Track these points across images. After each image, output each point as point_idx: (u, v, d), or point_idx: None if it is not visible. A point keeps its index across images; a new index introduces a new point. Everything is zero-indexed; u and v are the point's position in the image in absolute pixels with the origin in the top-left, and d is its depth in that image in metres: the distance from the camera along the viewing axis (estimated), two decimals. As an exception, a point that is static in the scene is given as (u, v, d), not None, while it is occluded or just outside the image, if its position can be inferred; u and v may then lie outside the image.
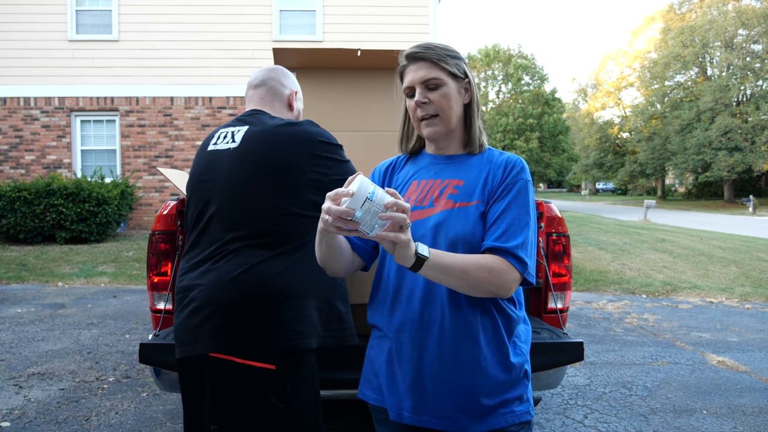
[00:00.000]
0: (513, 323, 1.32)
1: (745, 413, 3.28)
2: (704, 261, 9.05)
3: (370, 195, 1.04)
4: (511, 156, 1.36)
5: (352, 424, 3.08)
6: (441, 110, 1.34)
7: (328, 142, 1.60)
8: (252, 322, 1.47)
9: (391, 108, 2.57)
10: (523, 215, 1.27)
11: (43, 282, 7.16)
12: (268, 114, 1.67)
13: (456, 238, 1.27)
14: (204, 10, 11.61)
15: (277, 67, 1.78)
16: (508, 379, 1.29)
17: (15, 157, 11.58)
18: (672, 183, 45.15)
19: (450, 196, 1.32)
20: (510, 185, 1.30)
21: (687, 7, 37.76)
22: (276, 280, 1.49)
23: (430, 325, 1.27)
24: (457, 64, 1.35)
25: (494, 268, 1.21)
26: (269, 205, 1.52)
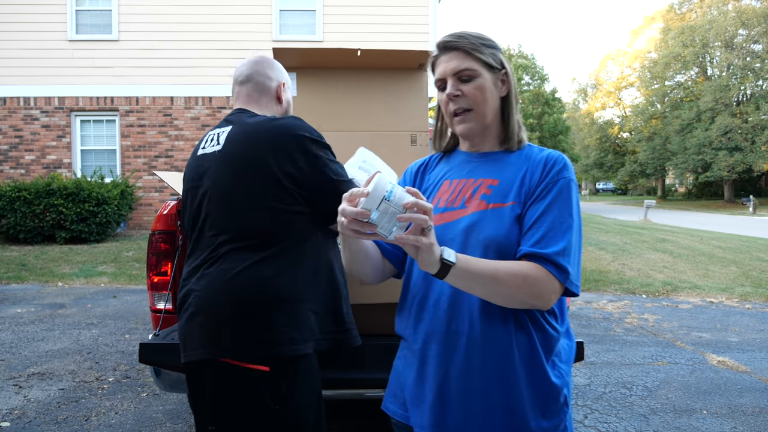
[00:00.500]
0: (552, 340, 1.18)
1: (745, 413, 3.28)
2: (704, 261, 9.05)
3: (388, 194, 0.97)
4: (552, 152, 1.23)
5: (352, 424, 3.08)
6: (475, 104, 1.22)
7: (307, 136, 1.51)
8: (244, 328, 1.45)
9: (391, 108, 2.57)
10: (564, 218, 1.14)
11: (43, 282, 7.16)
12: (252, 112, 1.63)
13: (488, 242, 1.15)
14: (204, 10, 11.61)
15: (261, 59, 1.72)
16: (543, 405, 1.16)
17: (15, 157, 11.58)
18: (672, 183, 45.16)
19: (483, 196, 1.20)
20: (550, 184, 1.17)
21: (687, 7, 37.77)
22: (268, 284, 1.46)
23: (458, 337, 1.16)
24: (492, 54, 1.24)
25: (530, 277, 1.09)
26: (253, 206, 1.48)
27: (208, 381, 1.50)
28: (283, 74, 1.73)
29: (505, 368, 1.14)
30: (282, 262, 1.48)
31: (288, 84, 1.74)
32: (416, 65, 2.57)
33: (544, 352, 1.17)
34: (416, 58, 2.50)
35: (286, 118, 1.55)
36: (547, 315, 1.18)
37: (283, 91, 1.71)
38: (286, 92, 1.72)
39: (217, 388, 1.49)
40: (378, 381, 2.21)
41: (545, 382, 1.16)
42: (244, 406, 1.46)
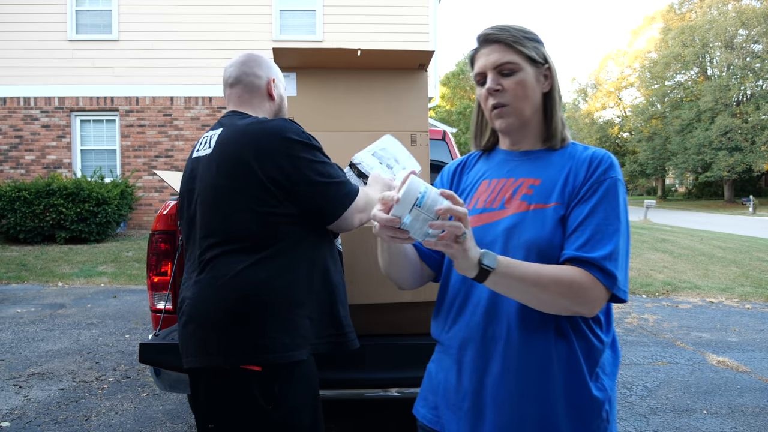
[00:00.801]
0: (596, 351, 1.12)
1: (745, 413, 3.28)
2: (704, 261, 9.06)
3: (419, 200, 0.93)
4: (597, 150, 1.16)
5: (353, 424, 3.08)
6: (515, 99, 1.16)
7: (293, 138, 1.47)
8: (235, 335, 1.44)
9: (391, 108, 2.57)
10: (612, 220, 1.08)
11: (43, 282, 7.16)
12: (243, 114, 1.61)
13: (530, 245, 1.10)
14: (204, 10, 11.61)
15: (247, 58, 1.69)
16: (581, 420, 1.10)
17: (15, 157, 11.58)
18: (672, 183, 45.17)
19: (524, 196, 1.15)
20: (595, 185, 1.10)
21: (687, 7, 37.78)
22: (258, 290, 1.44)
23: (494, 343, 1.11)
24: (536, 48, 1.18)
25: (575, 283, 1.03)
26: (239, 209, 1.47)
27: (203, 386, 1.52)
28: (272, 70, 1.71)
29: (542, 378, 1.09)
30: (272, 266, 1.46)
31: (278, 78, 1.72)
32: (416, 65, 2.56)
33: (587, 363, 1.11)
34: (416, 58, 2.50)
35: (274, 120, 1.52)
36: (591, 323, 1.12)
37: (273, 87, 1.68)
38: (277, 87, 1.70)
39: (211, 392, 1.50)
40: (378, 381, 2.21)
41: (585, 396, 1.10)
42: (238, 408, 1.46)
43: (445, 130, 3.88)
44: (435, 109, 30.49)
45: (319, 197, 1.47)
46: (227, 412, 1.48)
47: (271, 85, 1.67)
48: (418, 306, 2.03)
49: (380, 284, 1.99)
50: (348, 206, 1.51)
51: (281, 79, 1.74)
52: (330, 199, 1.49)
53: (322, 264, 1.55)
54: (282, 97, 1.72)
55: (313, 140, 1.52)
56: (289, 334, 1.46)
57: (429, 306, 2.02)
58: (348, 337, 1.60)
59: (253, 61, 1.68)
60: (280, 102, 1.72)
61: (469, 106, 38.43)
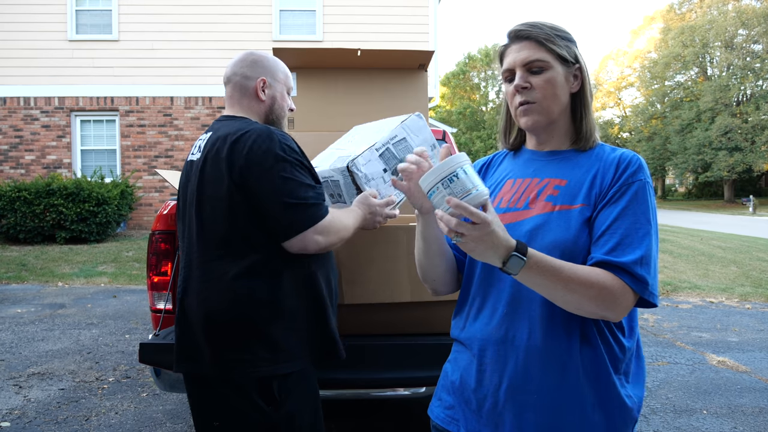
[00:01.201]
0: (620, 356, 1.10)
1: (745, 413, 3.28)
2: (704, 261, 9.06)
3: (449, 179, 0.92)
4: (625, 152, 1.14)
5: (353, 424, 3.08)
6: (543, 97, 1.14)
7: (264, 152, 1.42)
8: (220, 349, 1.44)
9: (391, 108, 2.57)
10: (642, 223, 1.05)
11: (43, 282, 7.16)
12: (233, 118, 1.59)
13: (554, 246, 1.07)
14: (204, 11, 11.61)
15: (243, 57, 1.66)
16: (609, 426, 1.09)
17: (15, 157, 11.58)
18: (672, 183, 45.18)
19: (549, 197, 1.13)
20: (624, 187, 1.08)
21: (687, 7, 37.78)
22: (240, 302, 1.43)
23: (514, 346, 1.09)
24: (567, 46, 1.16)
25: (606, 288, 1.00)
26: (217, 217, 1.46)
27: (194, 390, 1.54)
28: (265, 70, 1.64)
29: (566, 384, 1.07)
30: (255, 276, 1.44)
31: (274, 79, 1.65)
32: (416, 65, 2.57)
33: (613, 368, 1.09)
34: (416, 58, 2.50)
35: (255, 129, 1.46)
36: (615, 328, 1.09)
37: (264, 87, 1.63)
38: (269, 88, 1.64)
39: (200, 397, 1.53)
40: (377, 381, 2.21)
41: (616, 402, 1.09)
42: (228, 414, 1.47)
43: (445, 130, 3.88)
44: (435, 109, 30.49)
45: (273, 216, 1.42)
46: (218, 416, 1.48)
47: (258, 87, 1.62)
48: (417, 306, 2.03)
49: (380, 284, 1.99)
50: (303, 230, 1.42)
51: (281, 79, 1.67)
52: (283, 219, 1.42)
53: (308, 274, 1.52)
54: (274, 98, 1.65)
55: (290, 154, 1.45)
56: (270, 347, 1.44)
57: (429, 306, 2.02)
58: (335, 348, 1.58)
59: (247, 61, 1.65)
60: (271, 103, 1.65)
61: (470, 106, 38.43)
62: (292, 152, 1.46)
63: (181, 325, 1.51)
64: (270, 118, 1.66)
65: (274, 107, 1.66)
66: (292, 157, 1.45)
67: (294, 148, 1.48)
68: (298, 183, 1.44)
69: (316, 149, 2.48)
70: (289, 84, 1.70)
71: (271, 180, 1.41)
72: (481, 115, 39.69)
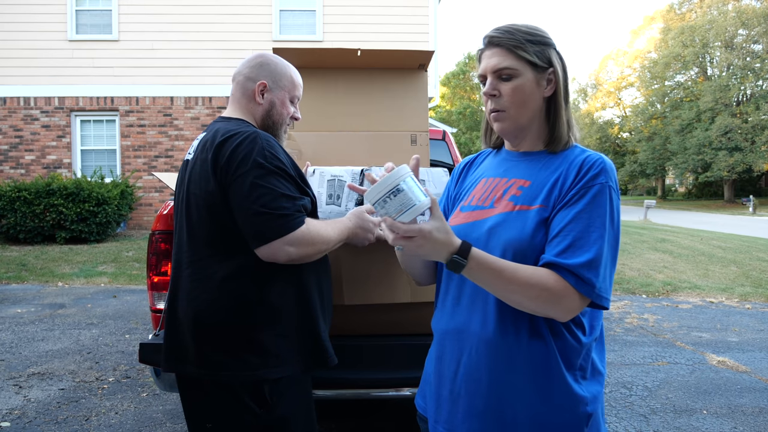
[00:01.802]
0: (575, 352, 1.11)
1: (745, 413, 3.28)
2: (704, 261, 9.05)
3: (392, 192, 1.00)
4: (592, 155, 1.14)
5: (353, 424, 3.08)
6: (510, 105, 1.17)
7: (250, 158, 1.40)
8: (206, 352, 1.44)
9: (391, 108, 2.57)
10: (596, 227, 1.06)
11: (43, 282, 7.16)
12: (228, 119, 1.58)
13: (506, 245, 1.10)
14: (204, 11, 11.61)
15: (252, 57, 1.65)
16: (558, 421, 1.09)
17: (15, 157, 11.58)
18: (672, 183, 45.18)
19: (512, 197, 1.16)
20: (583, 190, 1.08)
21: (687, 7, 37.78)
22: (225, 306, 1.43)
23: (469, 337, 1.14)
24: (539, 51, 1.17)
25: (547, 289, 1.03)
26: (203, 217, 1.46)
27: (184, 389, 1.55)
28: (269, 73, 1.63)
29: (514, 378, 1.10)
30: (243, 278, 1.43)
31: (272, 84, 1.62)
32: (416, 65, 2.57)
33: (565, 364, 1.10)
34: (416, 58, 2.50)
35: (245, 133, 1.45)
36: (571, 325, 1.11)
37: (263, 91, 1.61)
38: (269, 92, 1.62)
39: (190, 397, 1.53)
40: (378, 381, 2.21)
41: (564, 394, 1.09)
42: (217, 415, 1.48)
43: (445, 130, 3.88)
44: (435, 109, 30.48)
45: (242, 222, 1.41)
46: (210, 418, 1.49)
47: (257, 90, 1.61)
48: (418, 306, 2.03)
49: (380, 284, 1.99)
50: (270, 240, 1.38)
51: (284, 86, 1.64)
52: (250, 227, 1.40)
53: (297, 279, 1.50)
54: (273, 104, 1.62)
55: (271, 161, 1.42)
56: (258, 351, 1.43)
57: (429, 306, 2.02)
58: (325, 355, 1.55)
59: (254, 61, 1.65)
60: (269, 107, 1.62)
61: (470, 106, 38.42)
62: (273, 159, 1.42)
63: (170, 324, 1.52)
64: (266, 122, 1.63)
65: (271, 112, 1.63)
66: (271, 165, 1.41)
67: (277, 155, 1.45)
68: (271, 192, 1.39)
69: (316, 149, 2.48)
70: (295, 92, 1.67)
71: (243, 186, 1.39)
72: (481, 115, 39.74)
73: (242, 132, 1.46)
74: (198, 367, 1.45)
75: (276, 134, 1.65)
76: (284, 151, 1.52)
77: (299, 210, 1.43)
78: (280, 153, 1.47)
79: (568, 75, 1.21)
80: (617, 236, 1.10)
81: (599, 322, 1.17)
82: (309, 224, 1.45)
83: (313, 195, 1.56)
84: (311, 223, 1.46)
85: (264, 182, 1.40)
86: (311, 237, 1.43)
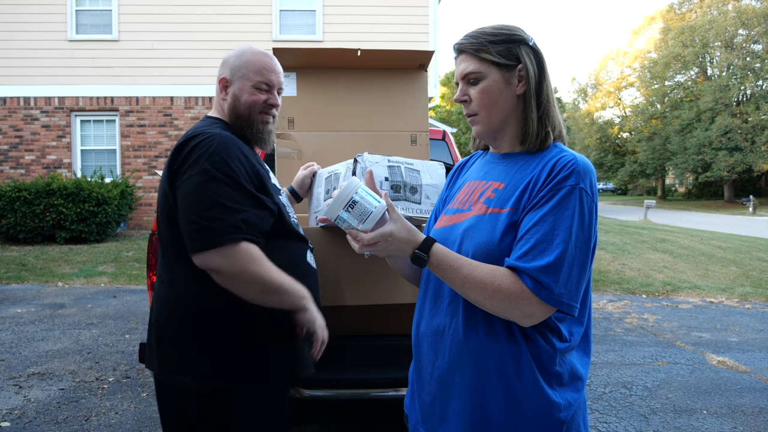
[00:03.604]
0: (549, 357, 1.08)
1: (745, 413, 3.28)
2: (704, 261, 9.05)
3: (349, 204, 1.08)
4: (565, 155, 1.10)
5: (353, 424, 3.08)
6: (480, 108, 1.16)
7: (195, 161, 1.35)
8: (164, 349, 1.43)
9: (391, 108, 2.57)
10: (560, 230, 1.03)
11: (43, 282, 7.16)
12: (205, 118, 1.55)
13: (476, 248, 1.10)
14: (204, 10, 11.61)
15: (231, 52, 1.57)
16: (531, 426, 1.07)
17: (15, 157, 11.57)
18: (672, 183, 45.17)
19: (486, 200, 1.15)
20: (551, 192, 1.05)
21: (687, 6, 37.75)
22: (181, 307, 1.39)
23: (443, 338, 1.14)
24: (503, 50, 1.14)
25: (501, 290, 1.02)
26: (165, 216, 1.42)
27: (156, 390, 1.54)
28: (228, 68, 1.55)
29: (484, 378, 1.08)
30: (206, 284, 1.35)
31: (231, 76, 1.54)
32: (416, 65, 2.57)
33: (539, 369, 1.07)
34: (416, 58, 2.50)
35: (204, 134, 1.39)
36: (545, 330, 1.08)
37: (225, 86, 1.54)
38: (231, 85, 1.53)
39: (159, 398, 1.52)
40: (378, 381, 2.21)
41: (541, 402, 1.07)
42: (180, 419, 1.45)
43: (445, 130, 3.88)
44: (435, 109, 30.49)
45: (183, 229, 1.34)
46: (168, 419, 1.48)
47: (219, 86, 1.55)
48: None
49: (382, 285, 1.99)
50: (201, 251, 1.30)
51: (247, 75, 1.53)
52: (185, 233, 1.33)
53: None
54: (237, 97, 1.52)
55: (220, 167, 1.34)
56: (210, 360, 1.37)
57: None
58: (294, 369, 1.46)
59: (227, 57, 1.57)
60: (233, 103, 1.52)
61: (469, 106, 38.38)
62: (222, 165, 1.34)
63: (149, 322, 1.53)
64: (235, 117, 1.54)
65: (236, 105, 1.52)
66: (218, 171, 1.33)
67: (229, 161, 1.35)
68: (208, 200, 1.31)
69: (316, 149, 2.48)
70: (260, 77, 1.53)
71: (186, 190, 1.33)
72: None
73: (202, 134, 1.39)
74: (159, 369, 1.43)
75: (251, 127, 1.54)
76: (247, 157, 1.42)
77: (236, 225, 1.31)
78: (235, 159, 1.37)
79: (545, 70, 1.17)
80: (587, 239, 1.06)
81: (580, 329, 1.14)
82: (247, 248, 1.32)
83: (277, 206, 1.45)
84: (250, 250, 1.32)
85: (204, 189, 1.32)
86: (241, 262, 1.30)
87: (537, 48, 1.17)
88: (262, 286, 1.34)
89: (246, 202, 1.35)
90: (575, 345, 1.14)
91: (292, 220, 1.54)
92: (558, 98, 34.56)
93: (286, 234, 1.49)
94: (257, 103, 1.53)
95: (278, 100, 1.58)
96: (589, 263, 1.07)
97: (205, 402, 1.38)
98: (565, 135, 1.21)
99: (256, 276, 1.32)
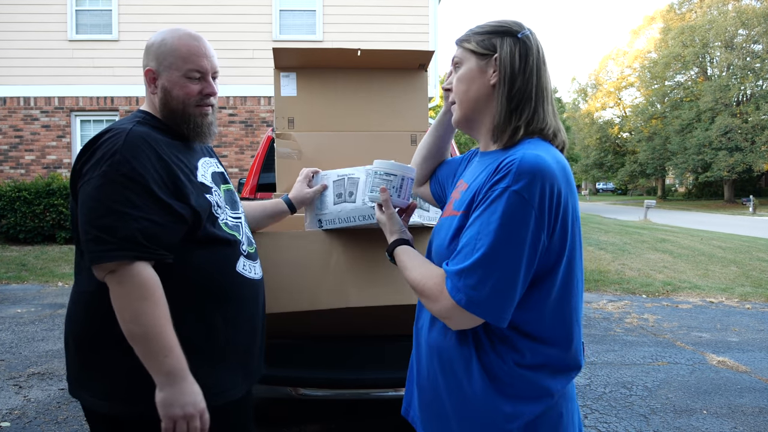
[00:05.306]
0: (500, 369, 1.04)
1: (745, 413, 3.28)
2: (704, 261, 9.05)
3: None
4: (511, 155, 1.02)
5: (353, 424, 3.08)
6: (456, 93, 1.17)
7: (96, 162, 1.20)
8: (66, 363, 1.32)
9: (391, 108, 2.57)
10: (482, 235, 0.98)
11: (43, 282, 7.16)
12: (132, 114, 1.39)
13: (435, 250, 1.14)
14: (204, 11, 11.61)
15: (152, 36, 1.39)
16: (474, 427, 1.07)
17: (15, 157, 11.58)
18: (672, 183, 45.18)
19: (454, 201, 1.15)
20: (488, 194, 1.01)
21: (687, 6, 37.76)
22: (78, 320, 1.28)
23: (420, 336, 1.23)
24: (482, 40, 1.13)
25: (425, 291, 1.07)
26: (72, 226, 1.31)
27: None
28: (155, 56, 1.36)
29: (443, 379, 1.11)
30: (100, 297, 1.20)
31: (158, 66, 1.36)
32: (416, 65, 2.56)
33: (488, 375, 1.04)
34: (416, 58, 2.50)
35: (113, 132, 1.26)
36: (495, 340, 1.05)
37: (153, 78, 1.37)
38: (159, 78, 1.36)
39: None
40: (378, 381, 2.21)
41: (488, 411, 1.04)
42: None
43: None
44: (435, 109, 30.49)
45: (80, 238, 1.22)
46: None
47: (147, 78, 1.38)
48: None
49: (386, 286, 1.99)
50: (95, 263, 1.17)
51: (174, 64, 1.35)
52: (83, 245, 1.20)
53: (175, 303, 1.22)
54: (166, 89, 1.35)
55: (121, 168, 1.19)
56: (104, 380, 1.23)
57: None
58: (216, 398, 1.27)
59: (149, 41, 1.38)
60: (164, 96, 1.36)
61: (469, 106, 38.45)
62: (123, 165, 1.19)
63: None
64: (168, 112, 1.37)
65: (168, 101, 1.36)
66: (118, 172, 1.18)
67: (132, 162, 1.20)
68: (101, 206, 1.17)
69: (316, 149, 2.48)
70: (189, 66, 1.35)
71: (83, 194, 1.20)
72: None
73: (111, 131, 1.26)
74: (67, 378, 1.32)
75: (187, 123, 1.37)
76: (159, 156, 1.26)
77: (130, 237, 1.16)
78: (142, 158, 1.22)
79: (529, 63, 1.10)
80: (518, 245, 0.97)
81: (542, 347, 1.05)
82: (139, 274, 1.17)
83: (193, 210, 1.27)
84: (143, 276, 1.17)
85: (99, 193, 1.17)
86: (127, 293, 1.16)
87: (528, 41, 1.11)
88: (139, 330, 1.15)
89: (149, 208, 1.19)
90: (544, 365, 1.06)
91: (226, 222, 1.37)
92: (558, 98, 34.51)
93: (208, 241, 1.30)
94: (191, 95, 1.35)
95: (215, 86, 1.39)
96: (526, 273, 0.99)
97: (105, 427, 1.27)
98: (551, 133, 1.11)
99: (138, 317, 1.15)
